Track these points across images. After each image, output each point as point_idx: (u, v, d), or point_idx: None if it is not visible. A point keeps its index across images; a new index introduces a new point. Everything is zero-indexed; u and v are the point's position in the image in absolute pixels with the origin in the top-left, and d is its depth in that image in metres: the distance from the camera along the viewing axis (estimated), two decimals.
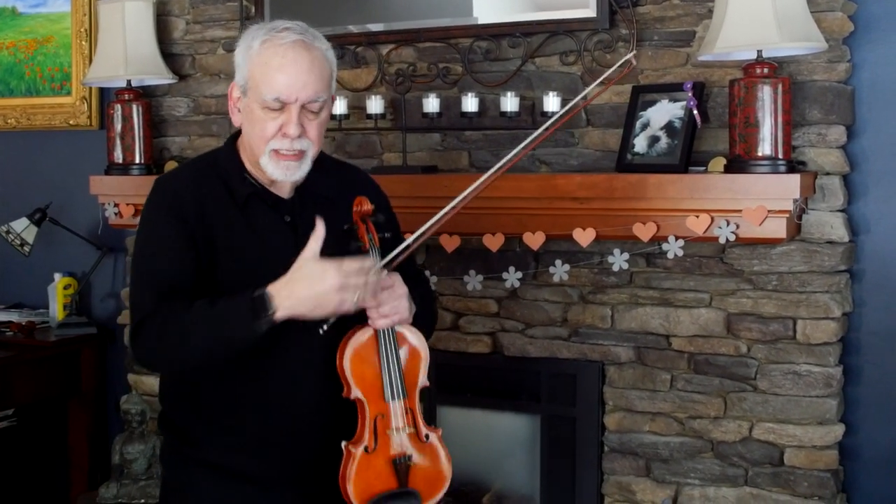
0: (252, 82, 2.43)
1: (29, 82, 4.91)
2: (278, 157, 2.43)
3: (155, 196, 2.52)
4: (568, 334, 3.74)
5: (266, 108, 2.41)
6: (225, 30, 4.29)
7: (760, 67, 3.19)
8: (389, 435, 2.44)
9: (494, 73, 3.80)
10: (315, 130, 2.45)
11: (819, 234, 3.37)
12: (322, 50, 2.46)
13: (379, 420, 2.43)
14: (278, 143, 2.42)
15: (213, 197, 2.48)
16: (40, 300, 4.87)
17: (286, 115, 2.41)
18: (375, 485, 2.42)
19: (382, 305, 2.41)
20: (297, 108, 2.40)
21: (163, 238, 2.44)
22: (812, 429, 3.42)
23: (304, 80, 2.40)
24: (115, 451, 4.27)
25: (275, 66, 2.39)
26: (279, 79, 2.39)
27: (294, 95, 2.39)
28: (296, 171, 2.46)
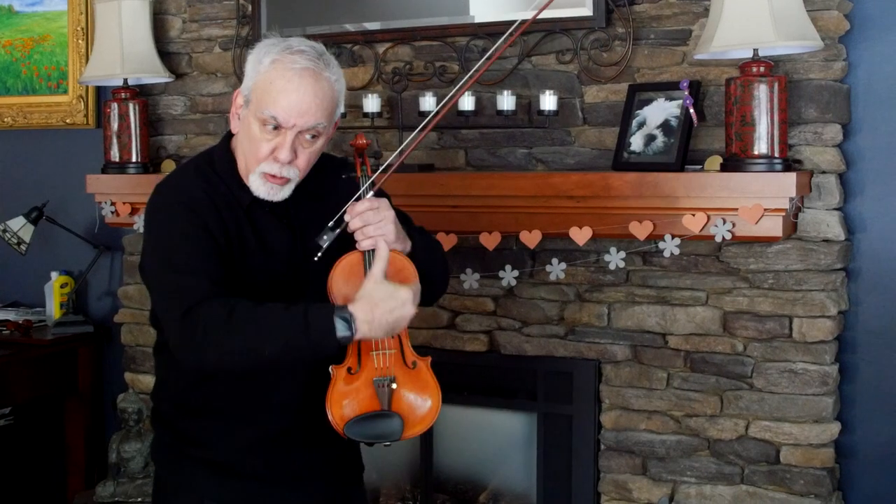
0: (255, 95, 2.43)
1: (25, 81, 4.91)
2: (265, 178, 2.43)
3: (162, 197, 2.50)
4: (564, 333, 3.74)
5: (263, 124, 2.40)
6: (221, 28, 4.29)
7: (756, 66, 3.19)
8: (373, 356, 2.43)
9: (491, 72, 3.80)
10: (305, 159, 2.45)
11: (815, 232, 3.37)
12: (331, 80, 2.44)
13: (363, 342, 2.39)
14: (268, 166, 2.41)
15: (222, 200, 2.47)
16: (37, 299, 4.87)
17: (280, 139, 2.40)
18: (357, 406, 2.41)
19: (367, 226, 2.41)
20: (293, 134, 2.40)
21: (185, 228, 2.40)
22: (808, 427, 3.42)
23: (304, 107, 2.39)
24: (112, 450, 4.28)
25: (278, 87, 2.38)
26: (280, 101, 2.38)
27: (292, 121, 2.39)
28: (278, 194, 2.45)
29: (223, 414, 2.51)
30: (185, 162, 2.70)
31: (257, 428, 2.50)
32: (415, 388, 2.46)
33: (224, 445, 2.51)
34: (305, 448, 2.53)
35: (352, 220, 2.41)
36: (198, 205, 2.42)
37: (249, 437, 2.50)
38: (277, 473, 2.53)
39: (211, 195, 2.46)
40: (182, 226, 2.40)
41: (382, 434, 2.42)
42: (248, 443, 2.51)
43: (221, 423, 2.51)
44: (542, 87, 3.65)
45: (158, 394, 2.65)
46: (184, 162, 2.95)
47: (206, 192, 2.46)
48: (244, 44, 4.18)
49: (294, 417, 2.51)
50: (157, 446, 2.66)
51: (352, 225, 2.41)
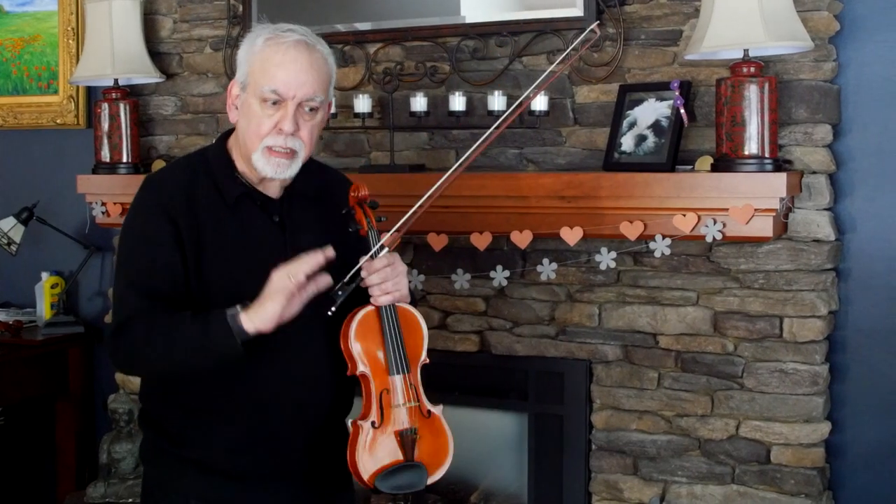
0: (252, 77, 2.47)
1: (16, 81, 4.90)
2: (270, 153, 2.45)
3: (144, 193, 2.53)
4: (555, 333, 3.74)
5: (264, 101, 2.44)
6: (212, 28, 4.28)
7: (747, 66, 3.20)
8: (395, 409, 2.49)
9: (482, 72, 3.80)
10: (308, 132, 2.48)
11: (805, 232, 3.38)
12: (324, 54, 2.51)
13: (384, 395, 2.48)
14: (272, 139, 2.45)
15: (204, 196, 2.49)
16: (27, 299, 4.86)
17: (282, 112, 2.44)
18: (384, 459, 2.47)
19: (385, 282, 2.46)
20: (294, 105, 2.44)
21: (150, 237, 2.45)
22: (798, 427, 3.43)
23: (303, 78, 2.44)
24: (103, 451, 4.27)
25: (276, 61, 2.44)
26: (279, 74, 2.43)
27: (292, 92, 2.43)
28: (286, 170, 2.47)
29: (209, 413, 2.51)
30: (180, 157, 2.73)
31: (243, 428, 2.50)
32: (433, 437, 2.55)
33: (210, 445, 2.51)
34: (292, 449, 2.53)
35: (370, 277, 2.46)
36: (173, 206, 2.45)
37: (235, 437, 2.50)
38: (264, 474, 2.52)
39: (192, 192, 2.49)
40: (147, 229, 2.47)
41: (410, 484, 2.51)
42: (234, 442, 2.50)
43: (207, 423, 2.51)
44: None
45: (146, 393, 2.65)
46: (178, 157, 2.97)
47: (188, 189, 2.49)
48: (235, 44, 4.17)
49: (281, 418, 2.51)
50: (145, 446, 2.67)
51: (369, 281, 2.46)
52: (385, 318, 2.49)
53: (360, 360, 2.47)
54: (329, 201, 2.60)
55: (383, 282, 2.46)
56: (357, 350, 2.47)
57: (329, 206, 2.59)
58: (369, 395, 2.48)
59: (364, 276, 2.46)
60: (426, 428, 2.53)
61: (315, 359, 2.51)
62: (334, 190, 2.66)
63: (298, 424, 2.52)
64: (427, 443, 2.53)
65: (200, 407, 2.51)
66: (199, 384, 2.49)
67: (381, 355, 2.49)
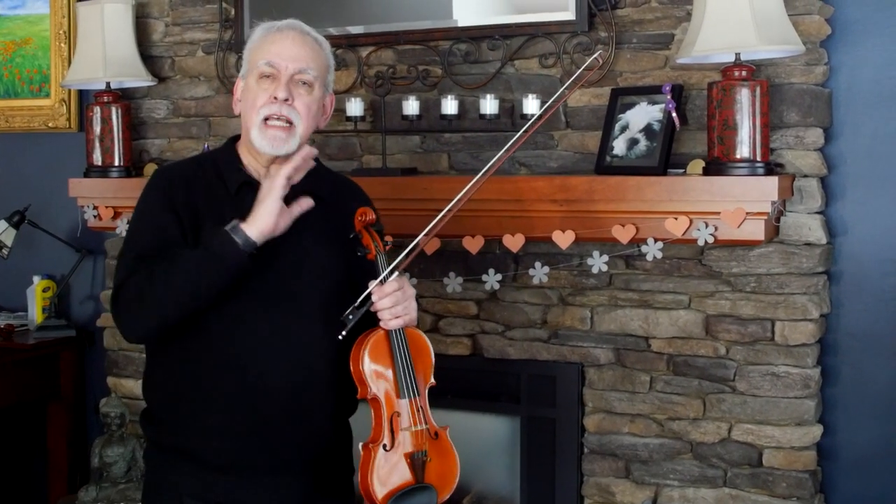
0: (250, 63, 2.60)
1: (7, 84, 4.89)
2: (267, 126, 2.52)
3: (151, 181, 2.63)
4: (547, 336, 3.75)
5: (260, 77, 2.54)
6: (204, 32, 4.28)
7: (738, 70, 3.20)
8: (405, 432, 2.52)
9: (474, 76, 3.81)
10: (304, 105, 2.55)
11: (797, 236, 3.38)
12: (317, 39, 2.64)
13: (395, 418, 2.51)
14: (267, 109, 2.52)
15: (207, 185, 2.58)
16: (19, 303, 4.85)
17: (277, 83, 2.53)
18: (395, 481, 2.51)
19: (395, 307, 2.50)
20: (287, 76, 2.54)
21: (150, 216, 2.55)
22: (790, 430, 3.43)
23: (295, 51, 2.55)
24: (95, 454, 4.26)
25: (269, 40, 2.58)
26: (271, 49, 2.56)
27: (284, 63, 2.53)
28: (283, 144, 2.53)
29: (205, 402, 2.52)
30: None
31: (239, 417, 2.51)
32: (441, 458, 2.59)
33: (205, 434, 2.52)
34: (287, 443, 2.54)
35: (380, 301, 2.49)
36: (171, 187, 2.55)
37: (230, 427, 2.51)
38: (259, 468, 2.54)
39: (196, 182, 2.58)
40: (151, 204, 2.57)
41: None
42: (229, 432, 2.51)
43: (203, 412, 2.52)
44: (525, 91, 3.66)
45: (147, 385, 2.69)
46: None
47: (192, 178, 2.59)
48: (227, 47, 4.18)
49: (276, 409, 2.51)
50: (146, 447, 2.72)
51: (380, 305, 2.50)
52: (395, 342, 2.52)
53: (371, 385, 2.51)
54: (338, 204, 2.65)
55: (393, 306, 2.50)
56: (368, 374, 2.50)
57: (338, 208, 2.63)
58: (380, 418, 2.52)
59: (374, 301, 2.49)
60: (435, 450, 2.57)
61: (312, 351, 2.53)
62: (343, 194, 2.72)
63: (294, 417, 2.53)
64: (436, 464, 2.57)
65: (200, 400, 2.53)
66: (198, 376, 2.52)
67: (391, 379, 2.53)
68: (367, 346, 2.51)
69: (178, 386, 2.55)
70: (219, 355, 2.49)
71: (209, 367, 2.50)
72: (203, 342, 2.50)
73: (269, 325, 2.49)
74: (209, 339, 2.50)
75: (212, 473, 2.53)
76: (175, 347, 2.54)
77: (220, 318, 2.49)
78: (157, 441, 2.64)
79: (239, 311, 2.48)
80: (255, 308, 2.49)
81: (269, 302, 2.50)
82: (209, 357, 2.50)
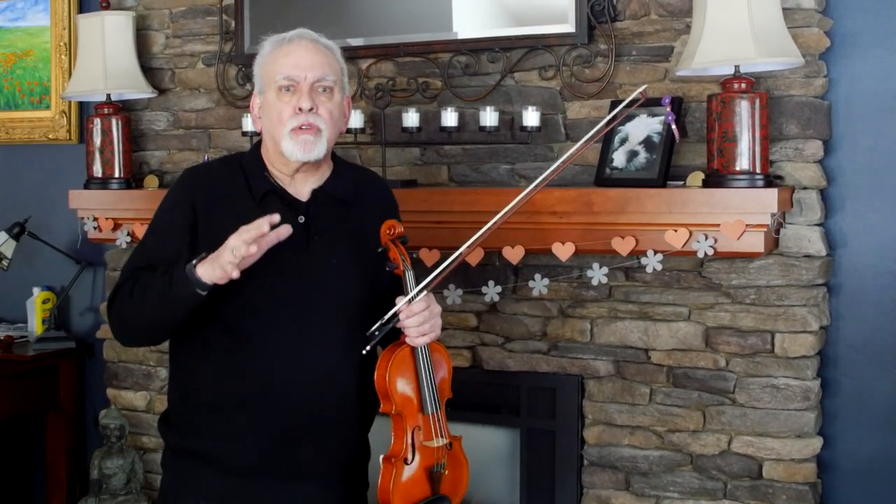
0: (266, 78, 2.61)
1: (8, 96, 4.90)
2: (295, 133, 2.54)
3: (177, 182, 2.68)
4: (547, 348, 3.74)
5: (280, 90, 2.56)
6: (204, 44, 4.29)
7: (738, 82, 3.21)
8: (427, 446, 2.57)
9: (474, 88, 3.81)
10: (327, 110, 2.58)
11: (796, 248, 3.38)
12: (328, 45, 2.66)
13: (416, 432, 2.56)
14: (294, 121, 2.54)
15: (232, 189, 2.61)
16: (19, 314, 4.85)
17: (298, 94, 2.55)
18: (414, 494, 2.56)
19: (423, 325, 2.53)
20: (307, 86, 2.55)
21: (164, 221, 2.61)
22: (790, 442, 3.43)
23: (311, 60, 2.57)
24: (94, 466, 4.26)
25: (282, 53, 2.59)
26: (287, 62, 2.57)
27: (302, 73, 2.55)
28: (313, 147, 2.55)
29: (223, 406, 2.54)
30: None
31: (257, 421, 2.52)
32: (455, 469, 2.65)
33: (222, 437, 2.54)
34: (309, 449, 2.55)
35: (408, 320, 2.53)
36: (197, 196, 2.58)
37: (247, 430, 2.53)
38: (275, 472, 2.54)
39: (223, 184, 2.62)
40: (164, 212, 2.64)
41: None
42: (246, 435, 2.53)
43: (225, 417, 2.54)
44: (525, 104, 3.66)
45: (171, 388, 2.72)
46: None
47: (219, 181, 2.63)
48: (227, 60, 4.18)
49: (295, 414, 2.53)
50: (164, 451, 2.73)
51: (407, 323, 2.53)
52: (420, 358, 2.56)
53: (395, 400, 2.54)
54: (363, 203, 2.69)
55: (421, 325, 2.53)
56: (392, 389, 2.54)
57: (363, 208, 2.68)
58: (402, 432, 2.56)
59: (402, 319, 2.52)
60: (450, 461, 2.62)
61: (336, 359, 2.55)
62: (368, 191, 2.75)
63: (316, 426, 2.54)
64: (450, 475, 2.62)
65: (220, 401, 2.55)
66: (218, 382, 2.54)
67: (414, 394, 2.57)
68: (393, 361, 2.54)
69: (201, 390, 2.58)
70: (243, 362, 2.52)
71: (233, 373, 2.52)
72: (228, 348, 2.53)
73: (292, 333, 2.51)
74: (234, 346, 2.52)
75: (231, 478, 2.55)
76: (199, 352, 2.57)
77: (244, 326, 2.52)
78: (176, 445, 2.65)
79: (262, 320, 2.51)
80: (280, 316, 2.52)
81: (294, 311, 2.53)
82: (233, 363, 2.52)
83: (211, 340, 2.55)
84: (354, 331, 2.56)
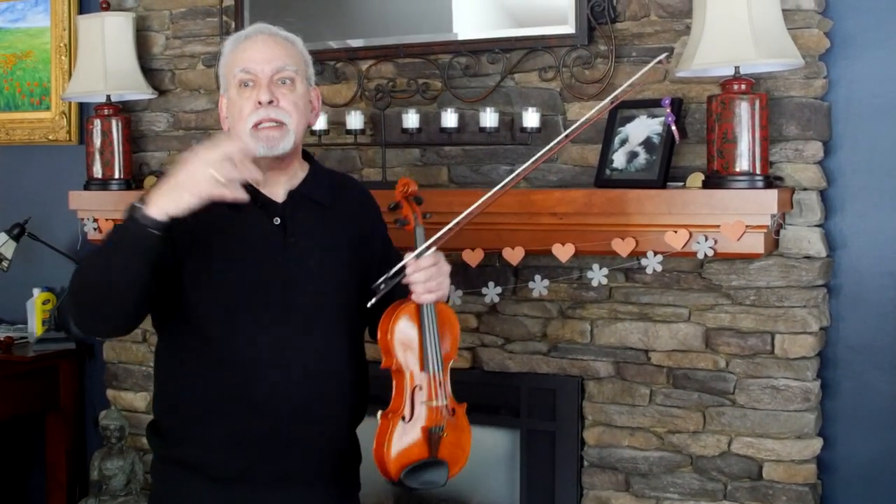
0: (227, 76, 2.58)
1: (8, 97, 4.90)
2: (258, 130, 2.50)
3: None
4: (547, 349, 3.74)
5: (240, 86, 2.52)
6: (205, 45, 4.29)
7: (738, 83, 3.21)
8: (425, 405, 2.53)
9: (474, 89, 3.81)
10: (290, 103, 2.53)
11: (797, 249, 3.38)
12: (287, 37, 2.61)
13: (416, 391, 2.52)
14: (255, 115, 2.50)
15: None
16: (19, 315, 4.85)
17: (258, 89, 2.51)
18: (411, 454, 2.52)
19: (429, 281, 2.51)
20: (266, 79, 2.51)
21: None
22: (790, 443, 3.43)
23: (268, 52, 2.53)
24: (94, 467, 4.26)
25: (240, 49, 2.57)
26: (244, 55, 2.54)
27: (260, 66, 2.51)
28: (278, 143, 2.51)
29: (210, 411, 2.51)
30: None
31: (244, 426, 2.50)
32: (456, 434, 2.59)
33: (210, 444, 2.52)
34: (295, 453, 2.53)
35: (415, 275, 2.50)
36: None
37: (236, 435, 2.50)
38: (266, 478, 2.53)
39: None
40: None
41: (433, 481, 2.56)
42: (235, 441, 2.51)
43: (208, 421, 2.52)
44: (525, 105, 3.66)
45: (155, 397, 2.69)
46: None
47: None
48: None
49: (282, 419, 2.51)
50: (153, 459, 2.71)
51: (413, 279, 2.51)
52: (425, 315, 2.53)
53: (397, 354, 2.51)
54: (341, 206, 2.65)
55: (427, 280, 2.51)
56: (394, 345, 2.51)
57: (341, 211, 2.63)
58: (401, 389, 2.53)
59: (408, 273, 2.50)
60: (451, 425, 2.57)
61: (320, 362, 2.52)
62: (347, 194, 2.71)
63: (302, 430, 2.52)
64: (450, 439, 2.57)
65: (205, 411, 2.52)
66: (202, 388, 2.51)
67: (417, 352, 2.53)
68: (398, 316, 2.51)
69: (183, 398, 2.55)
70: (226, 368, 2.48)
71: (213, 381, 2.49)
72: (210, 355, 2.49)
73: (275, 337, 2.48)
74: (216, 352, 2.49)
75: (218, 485, 2.52)
76: (179, 360, 2.55)
77: (221, 332, 2.48)
78: (163, 453, 2.63)
79: (244, 324, 2.48)
80: (261, 320, 2.48)
81: (271, 314, 2.49)
82: (216, 370, 2.49)
83: (190, 348, 2.51)
84: (333, 333, 2.54)
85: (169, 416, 2.61)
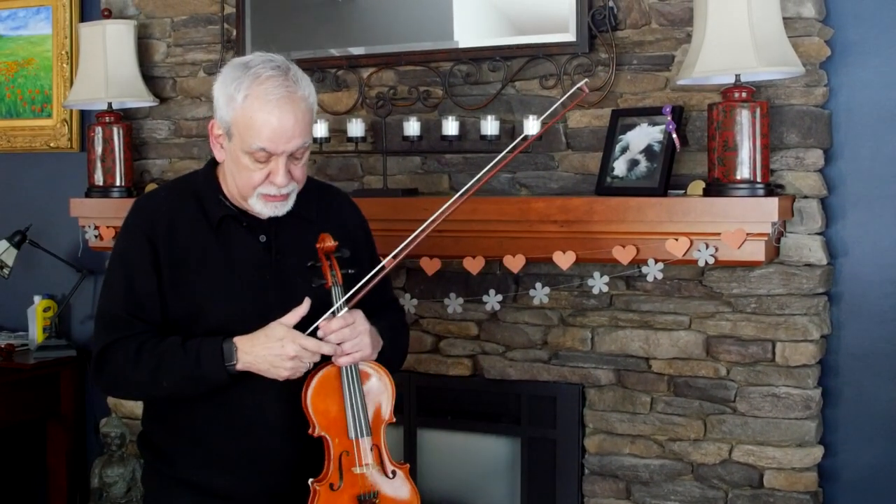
0: (237, 131, 2.45)
1: (9, 104, 4.91)
2: (266, 199, 2.49)
3: (129, 217, 2.59)
4: (548, 357, 3.74)
5: (253, 157, 2.44)
6: (206, 53, 4.29)
7: (739, 91, 3.21)
8: (355, 472, 2.47)
9: (474, 97, 3.81)
10: (300, 172, 2.52)
11: (797, 256, 3.38)
12: (305, 97, 2.48)
13: (344, 457, 2.46)
14: (266, 188, 2.47)
15: (188, 218, 2.54)
16: (20, 323, 4.85)
17: (273, 165, 2.45)
18: None
19: (344, 343, 2.43)
20: (284, 158, 2.44)
21: (130, 261, 2.52)
22: (791, 451, 3.43)
23: (289, 133, 2.43)
24: (95, 474, 4.26)
25: (261, 121, 2.41)
26: (265, 133, 2.41)
27: (280, 148, 2.43)
28: (283, 208, 2.52)
29: (203, 434, 2.53)
30: (170, 180, 2.77)
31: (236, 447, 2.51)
32: (396, 499, 2.52)
33: (203, 465, 2.53)
34: (279, 467, 2.54)
35: (327, 338, 2.42)
36: (153, 229, 2.51)
37: (228, 457, 2.52)
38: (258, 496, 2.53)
39: (176, 214, 2.54)
40: (127, 253, 2.53)
41: None
42: (228, 463, 2.52)
43: (201, 443, 2.53)
44: (526, 112, 3.67)
45: (147, 416, 2.69)
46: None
47: (172, 211, 2.54)
48: None
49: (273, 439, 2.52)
50: (145, 470, 2.72)
51: (328, 340, 2.43)
52: (346, 378, 2.46)
53: (318, 422, 2.45)
54: (327, 220, 2.63)
55: (341, 343, 2.43)
56: (316, 411, 2.45)
57: (328, 226, 2.59)
58: (329, 456, 2.47)
59: (320, 337, 2.42)
60: (388, 490, 2.51)
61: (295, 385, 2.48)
62: (334, 208, 2.70)
63: (283, 444, 2.52)
64: None
65: (194, 430, 2.53)
66: (192, 408, 2.52)
67: (340, 417, 2.46)
68: (315, 382, 2.45)
69: (170, 415, 2.57)
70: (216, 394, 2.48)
71: (204, 401, 2.50)
72: None
73: None
74: None
75: (206, 500, 2.53)
76: None
77: None
78: (153, 467, 2.64)
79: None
80: None
81: None
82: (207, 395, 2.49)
83: None
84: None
85: (157, 433, 2.63)
